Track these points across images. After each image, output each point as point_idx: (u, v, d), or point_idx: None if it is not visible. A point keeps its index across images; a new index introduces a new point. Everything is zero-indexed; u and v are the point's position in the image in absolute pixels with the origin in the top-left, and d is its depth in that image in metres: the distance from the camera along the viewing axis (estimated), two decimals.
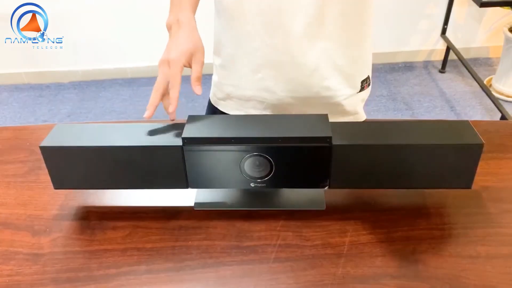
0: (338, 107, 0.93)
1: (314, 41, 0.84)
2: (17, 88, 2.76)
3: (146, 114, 0.70)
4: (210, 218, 0.75)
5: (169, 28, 0.77)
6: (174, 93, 0.71)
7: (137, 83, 2.77)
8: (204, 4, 0.87)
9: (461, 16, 2.75)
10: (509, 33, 2.35)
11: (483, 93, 2.42)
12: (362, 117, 1.00)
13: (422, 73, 2.77)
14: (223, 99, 0.99)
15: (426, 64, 2.85)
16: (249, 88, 0.92)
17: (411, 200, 0.78)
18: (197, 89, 0.73)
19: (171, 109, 0.71)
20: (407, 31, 2.78)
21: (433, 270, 0.65)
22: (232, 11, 0.85)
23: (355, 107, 0.96)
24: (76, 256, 0.70)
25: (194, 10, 0.80)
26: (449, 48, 2.69)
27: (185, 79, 0.71)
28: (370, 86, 0.98)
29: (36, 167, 0.88)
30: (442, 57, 2.77)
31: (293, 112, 0.93)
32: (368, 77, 0.95)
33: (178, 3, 0.79)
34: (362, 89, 0.94)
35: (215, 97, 1.01)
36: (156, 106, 0.71)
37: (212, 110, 1.03)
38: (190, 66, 0.74)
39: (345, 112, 0.95)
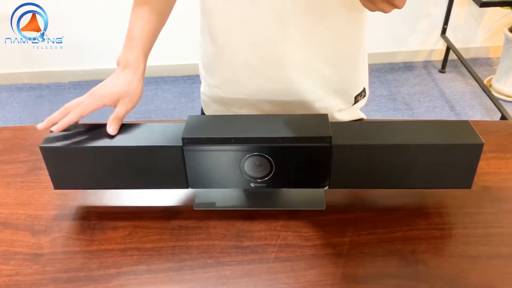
0: (331, 118, 0.93)
1: (307, 68, 0.84)
2: (17, 88, 2.76)
3: (40, 125, 0.71)
4: (210, 218, 0.75)
5: (118, 64, 0.77)
6: (70, 116, 0.71)
7: None
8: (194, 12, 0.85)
9: (461, 16, 2.75)
10: (509, 33, 2.35)
11: (483, 93, 2.42)
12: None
13: (422, 73, 2.77)
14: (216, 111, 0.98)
15: (426, 64, 2.85)
16: (244, 108, 0.92)
17: (411, 200, 0.78)
18: (110, 128, 0.71)
19: (54, 128, 0.71)
20: (407, 31, 2.78)
21: (433, 270, 0.65)
22: (224, 42, 0.83)
23: (351, 116, 0.96)
24: (76, 256, 0.70)
25: (146, 50, 0.79)
26: (449, 48, 2.69)
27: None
28: (367, 96, 0.98)
29: (36, 167, 0.88)
30: (442, 57, 2.77)
31: None
32: (363, 90, 0.95)
33: (131, 39, 0.78)
34: (356, 102, 0.94)
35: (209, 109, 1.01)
36: (54, 123, 0.71)
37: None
38: (114, 106, 0.74)
39: (339, 120, 0.95)
